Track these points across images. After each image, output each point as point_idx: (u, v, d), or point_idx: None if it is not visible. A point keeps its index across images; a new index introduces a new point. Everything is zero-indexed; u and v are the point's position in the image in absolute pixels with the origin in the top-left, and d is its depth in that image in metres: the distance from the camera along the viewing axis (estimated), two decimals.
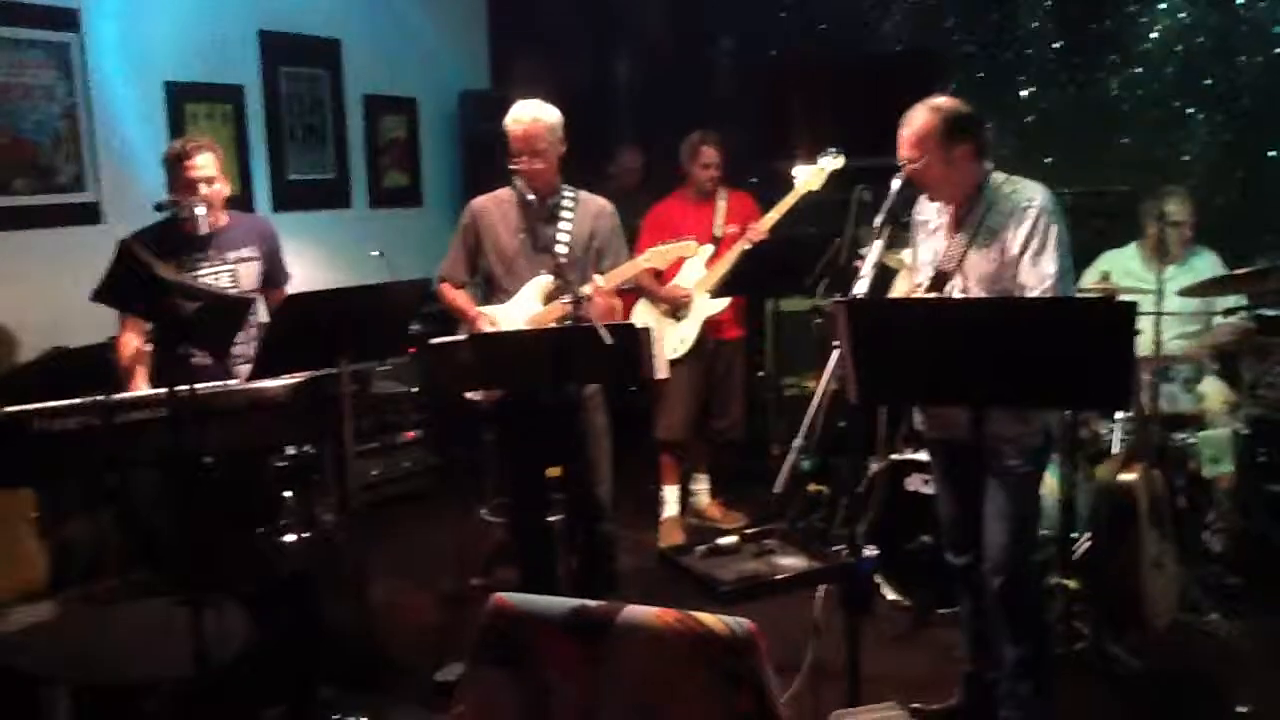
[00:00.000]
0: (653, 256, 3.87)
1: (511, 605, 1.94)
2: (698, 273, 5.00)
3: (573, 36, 6.98)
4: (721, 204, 5.15)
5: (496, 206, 3.83)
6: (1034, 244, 2.92)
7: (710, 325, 5.04)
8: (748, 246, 4.76)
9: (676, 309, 5.00)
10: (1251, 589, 4.13)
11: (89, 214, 4.98)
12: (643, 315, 5.01)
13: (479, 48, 7.23)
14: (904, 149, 3.02)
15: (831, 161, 4.72)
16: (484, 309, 3.81)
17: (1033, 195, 2.97)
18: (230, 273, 3.79)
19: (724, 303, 4.98)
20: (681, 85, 6.62)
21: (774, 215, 4.83)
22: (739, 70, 6.57)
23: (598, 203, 3.87)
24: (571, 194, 3.82)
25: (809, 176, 4.74)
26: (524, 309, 3.76)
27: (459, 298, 3.87)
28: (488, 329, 3.68)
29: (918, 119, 3.00)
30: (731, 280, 4.82)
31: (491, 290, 3.87)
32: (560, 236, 3.74)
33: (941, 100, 3.04)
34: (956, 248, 3.05)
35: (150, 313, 3.16)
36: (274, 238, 4.00)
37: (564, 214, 3.78)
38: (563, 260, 3.65)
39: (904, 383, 2.59)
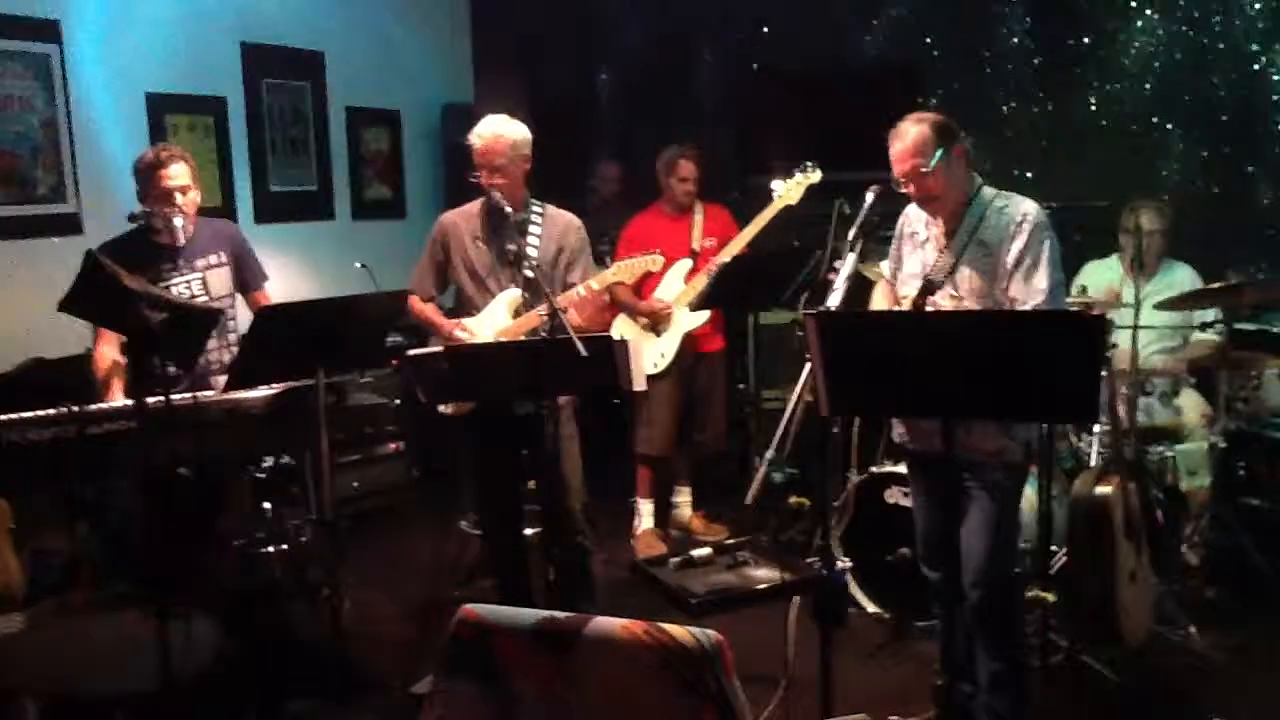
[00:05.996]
0: (619, 270, 3.89)
1: (479, 616, 1.94)
2: (677, 287, 5.01)
3: (555, 50, 7.02)
4: (698, 218, 5.16)
5: (465, 221, 3.84)
6: (1027, 259, 2.94)
7: (691, 339, 5.04)
8: (724, 261, 4.76)
9: (656, 323, 5.01)
10: (1227, 602, 4.16)
11: (69, 225, 4.96)
12: (622, 330, 4.99)
13: (462, 61, 7.23)
14: (905, 160, 2.99)
15: (808, 176, 4.72)
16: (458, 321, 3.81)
17: (1026, 210, 2.99)
18: (200, 281, 3.76)
19: (704, 316, 4.98)
20: (663, 99, 6.67)
21: (751, 230, 4.82)
22: (720, 84, 6.60)
23: (565, 217, 3.88)
24: (539, 209, 3.83)
25: (787, 190, 4.75)
26: (493, 323, 3.76)
27: (427, 310, 3.87)
28: (463, 337, 3.69)
29: (909, 130, 3.00)
30: (710, 294, 4.83)
31: (461, 304, 3.88)
32: (528, 250, 3.74)
33: (921, 113, 3.06)
34: (948, 259, 3.07)
35: (117, 323, 3.14)
36: (241, 240, 3.94)
37: (532, 228, 3.79)
38: (530, 274, 3.65)
39: (873, 396, 2.60)
